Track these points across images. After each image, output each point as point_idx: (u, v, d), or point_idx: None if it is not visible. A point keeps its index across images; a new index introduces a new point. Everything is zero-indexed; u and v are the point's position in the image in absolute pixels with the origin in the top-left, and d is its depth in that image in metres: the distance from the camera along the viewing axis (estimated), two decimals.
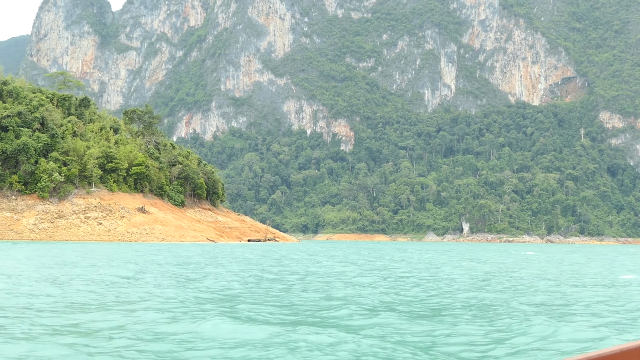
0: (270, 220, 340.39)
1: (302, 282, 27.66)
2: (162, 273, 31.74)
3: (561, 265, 51.14)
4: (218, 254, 60.31)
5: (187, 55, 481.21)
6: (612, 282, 31.42)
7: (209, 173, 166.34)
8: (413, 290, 24.76)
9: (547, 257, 71.30)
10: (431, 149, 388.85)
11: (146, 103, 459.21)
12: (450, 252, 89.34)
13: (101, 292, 21.75)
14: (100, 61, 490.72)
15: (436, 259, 59.42)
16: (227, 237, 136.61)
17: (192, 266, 38.38)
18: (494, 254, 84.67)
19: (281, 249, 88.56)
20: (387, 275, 33.81)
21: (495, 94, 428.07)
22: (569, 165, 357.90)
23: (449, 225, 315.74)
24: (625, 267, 49.40)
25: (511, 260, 61.03)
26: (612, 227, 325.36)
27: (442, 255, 70.86)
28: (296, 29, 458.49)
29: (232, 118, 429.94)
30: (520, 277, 34.10)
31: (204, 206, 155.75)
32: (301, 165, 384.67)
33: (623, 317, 17.28)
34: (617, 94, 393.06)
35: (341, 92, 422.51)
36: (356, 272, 35.30)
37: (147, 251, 62.75)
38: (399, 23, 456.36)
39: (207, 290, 23.00)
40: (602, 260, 66.05)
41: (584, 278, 34.58)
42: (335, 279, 30.04)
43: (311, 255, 60.63)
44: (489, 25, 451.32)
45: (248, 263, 43.75)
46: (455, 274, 36.10)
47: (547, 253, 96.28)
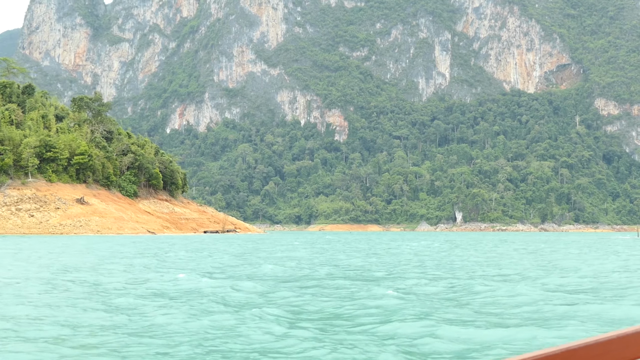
0: (263, 212, 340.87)
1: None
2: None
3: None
4: (130, 248, 57.10)
5: (180, 47, 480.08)
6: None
7: (166, 163, 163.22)
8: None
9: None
10: (425, 138, 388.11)
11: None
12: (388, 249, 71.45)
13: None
14: (93, 53, 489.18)
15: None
16: (180, 229, 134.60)
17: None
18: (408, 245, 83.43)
19: (225, 242, 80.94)
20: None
21: (490, 82, 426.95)
22: (564, 153, 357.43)
23: (442, 214, 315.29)
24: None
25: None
26: (607, 214, 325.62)
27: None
28: (289, 19, 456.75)
29: (226, 109, 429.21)
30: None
31: (161, 197, 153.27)
32: (295, 155, 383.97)
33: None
34: (612, 80, 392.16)
35: (335, 82, 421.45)
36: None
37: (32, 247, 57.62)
38: (392, 12, 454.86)
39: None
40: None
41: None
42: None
43: (240, 255, 47.56)
44: (483, 12, 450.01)
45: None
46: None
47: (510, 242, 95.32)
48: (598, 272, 29.78)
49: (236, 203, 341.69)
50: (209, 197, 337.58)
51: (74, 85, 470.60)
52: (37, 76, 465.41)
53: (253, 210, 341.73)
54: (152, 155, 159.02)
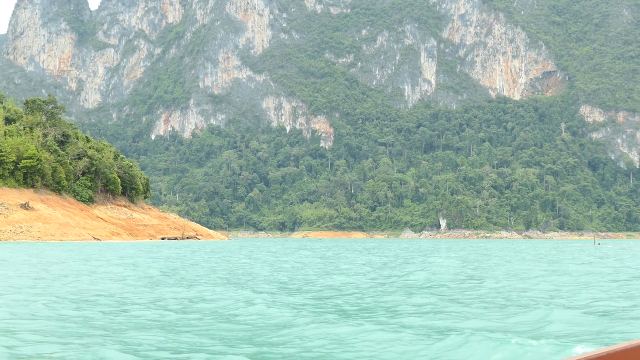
0: (247, 219, 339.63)
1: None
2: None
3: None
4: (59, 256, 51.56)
5: (166, 53, 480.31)
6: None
7: (126, 167, 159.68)
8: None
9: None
10: (411, 145, 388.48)
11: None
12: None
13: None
14: (78, 59, 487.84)
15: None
16: (136, 236, 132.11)
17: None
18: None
19: (171, 250, 72.76)
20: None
21: (475, 88, 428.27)
22: (549, 159, 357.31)
23: (426, 221, 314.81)
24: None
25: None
26: (592, 221, 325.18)
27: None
28: (275, 25, 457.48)
29: (211, 115, 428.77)
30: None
31: (119, 202, 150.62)
32: (280, 162, 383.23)
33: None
34: (597, 87, 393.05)
35: (320, 89, 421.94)
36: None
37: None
38: (378, 18, 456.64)
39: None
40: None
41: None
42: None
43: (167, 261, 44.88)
44: (469, 19, 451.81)
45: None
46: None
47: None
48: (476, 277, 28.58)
49: (220, 210, 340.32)
50: (193, 203, 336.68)
51: (58, 91, 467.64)
52: (22, 82, 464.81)
53: (237, 217, 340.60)
54: (111, 160, 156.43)
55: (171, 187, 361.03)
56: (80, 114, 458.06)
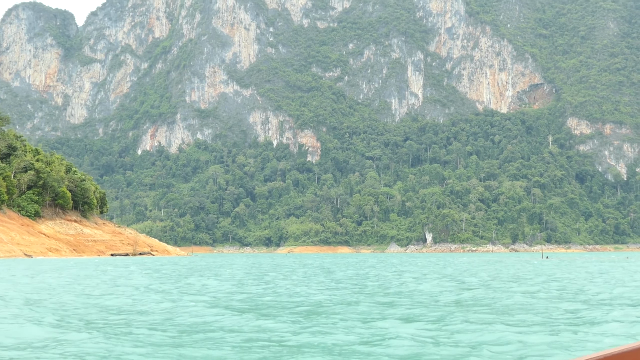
0: (233, 234, 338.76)
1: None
2: None
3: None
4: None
5: (152, 67, 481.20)
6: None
7: (77, 181, 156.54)
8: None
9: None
10: (398, 159, 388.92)
11: (109, 115, 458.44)
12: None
13: None
14: (64, 74, 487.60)
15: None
16: (83, 252, 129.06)
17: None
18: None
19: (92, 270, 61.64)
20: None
21: (462, 102, 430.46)
22: (536, 172, 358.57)
23: (412, 235, 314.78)
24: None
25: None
26: (580, 234, 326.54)
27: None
28: (261, 39, 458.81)
29: (198, 130, 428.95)
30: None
31: (70, 217, 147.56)
32: (267, 177, 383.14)
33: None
34: (584, 100, 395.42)
35: (307, 103, 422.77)
36: None
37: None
38: (365, 32, 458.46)
39: None
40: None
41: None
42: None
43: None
44: (456, 32, 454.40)
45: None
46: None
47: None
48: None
49: (205, 225, 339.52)
50: (178, 219, 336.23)
51: (44, 106, 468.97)
52: (7, 97, 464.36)
53: (222, 232, 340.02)
54: (62, 173, 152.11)
55: (157, 203, 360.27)
56: (66, 129, 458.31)
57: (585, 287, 34.32)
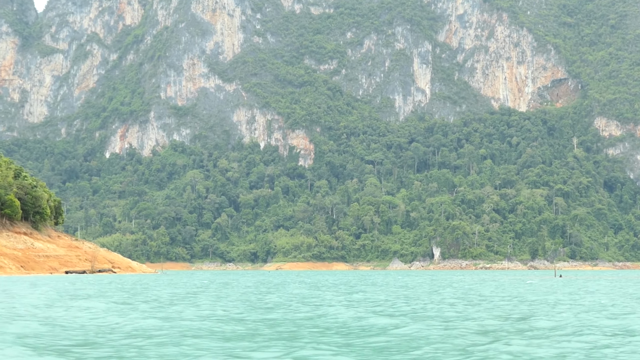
0: (214, 248, 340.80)
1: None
2: None
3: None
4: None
5: (122, 59, 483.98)
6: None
7: (27, 188, 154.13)
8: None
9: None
10: (402, 163, 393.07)
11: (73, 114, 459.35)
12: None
13: None
14: (22, 66, 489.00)
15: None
16: (32, 269, 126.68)
17: None
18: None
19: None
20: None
21: (476, 99, 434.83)
22: (559, 179, 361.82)
23: (418, 250, 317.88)
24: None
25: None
26: (608, 249, 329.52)
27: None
28: (247, 27, 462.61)
29: (174, 130, 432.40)
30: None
31: (18, 229, 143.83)
32: (252, 183, 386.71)
33: None
34: (614, 97, 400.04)
35: (299, 99, 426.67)
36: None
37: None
38: (365, 19, 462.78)
39: None
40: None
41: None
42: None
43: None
44: (469, 20, 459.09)
45: None
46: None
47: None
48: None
49: (182, 238, 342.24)
50: (150, 231, 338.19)
51: None
52: None
53: (202, 246, 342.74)
54: (10, 179, 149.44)
55: (127, 213, 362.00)
56: (24, 129, 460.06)
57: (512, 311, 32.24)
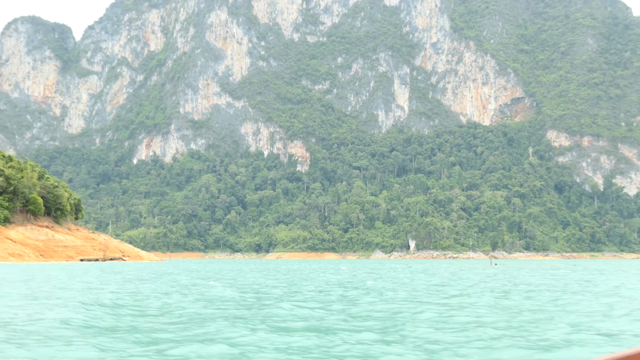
0: (224, 240, 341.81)
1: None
2: None
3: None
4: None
5: (147, 79, 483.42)
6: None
7: (50, 188, 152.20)
8: None
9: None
10: (384, 169, 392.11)
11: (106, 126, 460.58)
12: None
13: None
14: (62, 85, 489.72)
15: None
16: (51, 257, 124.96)
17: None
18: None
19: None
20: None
21: (447, 114, 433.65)
22: (516, 182, 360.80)
23: (396, 242, 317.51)
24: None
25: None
26: (558, 242, 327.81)
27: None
28: (253, 53, 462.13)
29: (191, 140, 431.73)
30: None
31: (41, 223, 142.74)
32: (257, 185, 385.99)
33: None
34: (563, 113, 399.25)
35: (297, 114, 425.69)
36: None
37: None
38: (353, 46, 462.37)
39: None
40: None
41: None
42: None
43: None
44: (441, 47, 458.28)
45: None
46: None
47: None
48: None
49: (197, 232, 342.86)
50: (171, 225, 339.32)
51: (43, 117, 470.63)
52: (7, 108, 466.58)
53: (214, 238, 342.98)
54: (34, 180, 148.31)
55: (151, 210, 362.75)
56: (64, 139, 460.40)
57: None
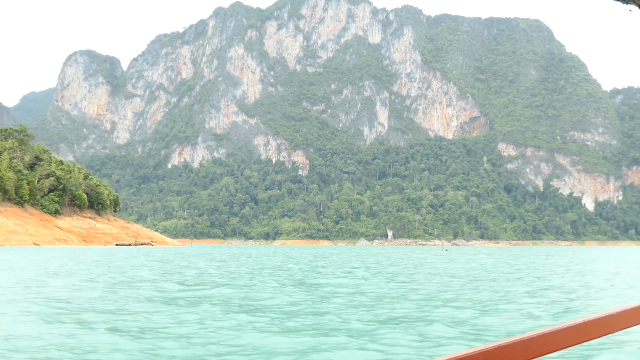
0: (240, 230, 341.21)
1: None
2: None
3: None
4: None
5: (180, 101, 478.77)
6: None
7: (93, 186, 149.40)
8: None
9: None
10: (368, 173, 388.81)
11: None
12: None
13: None
14: (112, 105, 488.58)
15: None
16: (92, 242, 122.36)
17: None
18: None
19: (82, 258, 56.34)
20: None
21: (418, 130, 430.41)
22: (473, 184, 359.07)
23: (377, 232, 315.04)
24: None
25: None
26: (506, 232, 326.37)
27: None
28: (264, 80, 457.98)
29: (214, 150, 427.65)
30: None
31: (85, 214, 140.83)
32: (267, 186, 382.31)
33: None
34: (511, 129, 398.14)
35: (299, 129, 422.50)
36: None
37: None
38: (344, 75, 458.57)
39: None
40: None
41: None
42: None
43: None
44: (414, 77, 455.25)
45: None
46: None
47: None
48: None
49: (218, 223, 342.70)
50: (197, 218, 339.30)
51: (96, 130, 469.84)
52: (67, 123, 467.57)
53: (232, 228, 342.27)
54: (80, 179, 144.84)
55: (181, 205, 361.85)
56: (113, 148, 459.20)
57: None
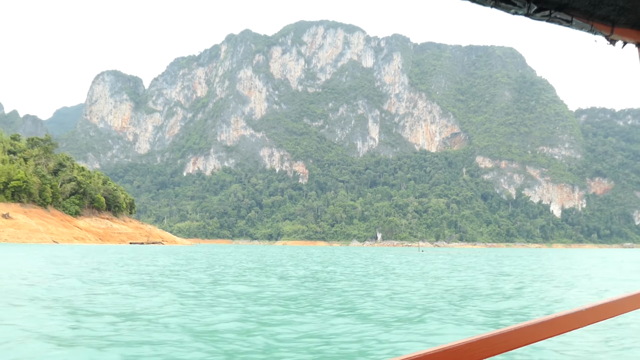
0: (246, 231, 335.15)
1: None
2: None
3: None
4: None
5: (195, 116, 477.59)
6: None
7: (111, 190, 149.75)
8: None
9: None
10: (360, 182, 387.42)
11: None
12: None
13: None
14: (134, 119, 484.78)
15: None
16: (107, 240, 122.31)
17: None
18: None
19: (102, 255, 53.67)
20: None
21: (405, 144, 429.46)
22: (454, 193, 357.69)
23: (368, 234, 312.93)
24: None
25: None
26: (483, 235, 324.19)
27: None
28: (270, 99, 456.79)
29: (225, 160, 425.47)
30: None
31: (103, 216, 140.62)
32: (271, 193, 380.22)
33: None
34: (487, 144, 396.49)
35: (300, 143, 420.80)
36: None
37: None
38: (340, 95, 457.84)
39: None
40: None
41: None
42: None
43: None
44: (402, 97, 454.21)
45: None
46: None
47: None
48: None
49: (227, 225, 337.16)
50: (208, 220, 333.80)
51: (120, 142, 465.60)
52: (95, 134, 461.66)
53: (239, 230, 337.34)
54: (100, 184, 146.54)
55: (195, 209, 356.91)
56: (135, 157, 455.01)
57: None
